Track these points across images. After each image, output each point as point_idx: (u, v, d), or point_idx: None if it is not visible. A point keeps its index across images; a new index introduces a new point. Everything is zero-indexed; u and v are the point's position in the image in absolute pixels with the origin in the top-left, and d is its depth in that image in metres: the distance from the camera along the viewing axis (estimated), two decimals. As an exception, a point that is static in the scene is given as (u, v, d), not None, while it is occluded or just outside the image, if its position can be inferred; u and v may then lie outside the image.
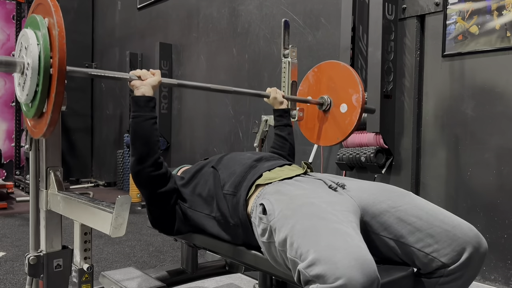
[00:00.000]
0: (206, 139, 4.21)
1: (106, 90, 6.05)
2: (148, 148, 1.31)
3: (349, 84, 1.80)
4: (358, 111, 1.75)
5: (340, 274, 0.84)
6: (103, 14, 6.14)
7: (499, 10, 2.10)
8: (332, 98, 1.86)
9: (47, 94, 1.08)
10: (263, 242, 1.13)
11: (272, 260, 1.13)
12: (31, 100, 1.13)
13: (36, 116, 1.15)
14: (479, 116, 2.21)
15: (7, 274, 2.37)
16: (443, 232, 1.09)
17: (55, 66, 1.04)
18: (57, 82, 1.03)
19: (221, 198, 1.29)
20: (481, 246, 1.10)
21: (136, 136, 1.31)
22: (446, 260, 1.08)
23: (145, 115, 1.32)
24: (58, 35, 1.04)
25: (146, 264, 2.61)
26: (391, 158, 2.53)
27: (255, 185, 1.24)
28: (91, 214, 1.18)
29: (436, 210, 1.15)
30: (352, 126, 1.78)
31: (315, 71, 1.96)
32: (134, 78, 1.36)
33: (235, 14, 3.84)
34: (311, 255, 0.89)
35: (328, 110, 1.86)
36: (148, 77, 1.37)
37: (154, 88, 1.37)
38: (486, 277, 2.18)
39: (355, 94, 1.77)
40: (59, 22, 1.05)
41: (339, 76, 1.85)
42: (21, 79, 1.15)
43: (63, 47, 1.04)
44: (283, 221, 1.04)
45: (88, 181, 6.13)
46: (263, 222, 1.11)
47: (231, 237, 1.30)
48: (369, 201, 1.16)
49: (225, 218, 1.28)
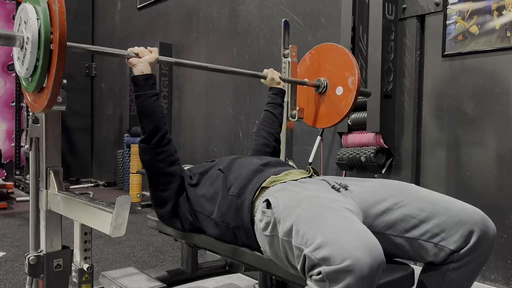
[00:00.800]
0: (206, 139, 4.21)
1: (106, 90, 6.05)
2: (153, 125, 1.34)
3: (345, 67, 1.81)
4: (353, 93, 1.77)
5: (347, 255, 0.84)
6: (103, 14, 6.14)
7: (499, 10, 2.10)
8: (328, 80, 1.87)
9: (47, 69, 1.08)
10: (266, 236, 1.12)
11: (273, 255, 1.13)
12: (31, 74, 1.13)
13: (36, 91, 1.16)
14: (479, 116, 2.21)
15: (7, 274, 2.37)
16: (448, 219, 1.09)
17: (55, 41, 1.04)
18: (58, 57, 1.04)
19: (225, 200, 1.29)
20: (488, 228, 1.09)
21: (141, 114, 1.35)
22: (455, 247, 1.08)
23: (146, 94, 1.34)
24: (59, 11, 1.04)
25: (146, 264, 2.61)
26: (391, 158, 2.53)
27: (261, 187, 1.24)
28: (91, 214, 1.18)
29: (439, 198, 1.15)
30: (348, 109, 1.80)
31: (312, 53, 1.97)
32: (132, 55, 1.37)
33: (235, 14, 3.84)
34: (318, 239, 0.89)
35: (325, 93, 1.88)
36: (146, 54, 1.38)
37: (152, 65, 1.39)
38: (486, 277, 2.18)
39: (351, 77, 1.78)
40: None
41: (336, 59, 1.86)
42: (21, 53, 1.15)
43: (64, 22, 1.04)
44: (288, 211, 1.04)
45: (88, 181, 6.13)
46: (266, 215, 1.11)
47: (230, 240, 1.30)
48: (371, 202, 1.17)
49: (225, 220, 1.28)
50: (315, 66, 1.94)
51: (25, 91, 1.24)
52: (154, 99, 1.35)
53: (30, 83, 1.15)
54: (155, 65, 1.43)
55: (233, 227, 1.26)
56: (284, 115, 2.12)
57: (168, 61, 1.51)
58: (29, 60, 1.10)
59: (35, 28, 1.07)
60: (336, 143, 2.87)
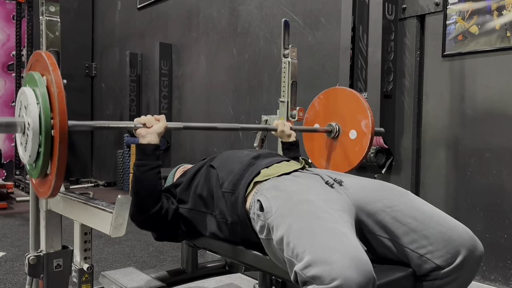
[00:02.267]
0: (206, 139, 4.21)
1: (106, 90, 6.05)
2: (151, 199, 1.31)
3: (357, 110, 1.76)
4: (368, 137, 1.71)
5: (336, 274, 0.84)
6: (103, 14, 6.14)
7: (499, 10, 2.10)
8: (340, 124, 1.82)
9: (50, 156, 1.05)
10: (262, 238, 1.14)
11: (273, 256, 1.14)
12: (34, 160, 1.10)
13: (40, 177, 1.12)
14: (479, 116, 2.21)
15: (7, 274, 2.37)
16: (438, 234, 1.09)
17: (56, 128, 1.01)
18: (60, 144, 1.00)
19: (220, 197, 1.30)
20: (476, 249, 1.09)
21: (141, 185, 1.31)
22: (440, 262, 1.08)
23: (151, 164, 1.31)
24: (58, 96, 1.00)
25: (146, 264, 2.61)
26: (391, 158, 2.53)
27: (253, 182, 1.25)
28: (91, 214, 1.18)
29: (432, 211, 1.14)
30: (363, 153, 1.74)
31: (321, 98, 1.91)
32: (139, 126, 1.34)
33: (235, 14, 3.84)
34: (307, 256, 0.90)
35: (337, 137, 1.82)
36: (153, 123, 1.35)
37: (160, 135, 1.36)
38: (486, 277, 2.18)
39: (364, 119, 1.73)
40: (57, 82, 1.01)
41: (346, 102, 1.81)
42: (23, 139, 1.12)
43: (64, 108, 1.00)
44: (279, 220, 1.04)
45: (88, 181, 6.13)
46: (260, 219, 1.12)
47: (229, 235, 1.30)
48: (366, 200, 1.16)
49: (223, 216, 1.29)
50: (325, 110, 1.89)
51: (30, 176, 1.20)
52: (157, 171, 1.33)
53: (34, 169, 1.12)
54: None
55: (231, 223, 1.27)
56: (284, 115, 2.13)
57: (177, 127, 1.44)
58: (31, 147, 1.06)
59: (35, 113, 1.03)
60: (336, 143, 2.87)
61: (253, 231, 1.21)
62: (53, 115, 1.02)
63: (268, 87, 3.48)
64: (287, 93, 2.05)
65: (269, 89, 3.47)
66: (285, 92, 2.08)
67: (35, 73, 1.09)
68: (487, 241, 2.14)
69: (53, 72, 1.03)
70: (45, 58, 1.07)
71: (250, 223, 1.21)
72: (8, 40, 5.82)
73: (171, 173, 1.70)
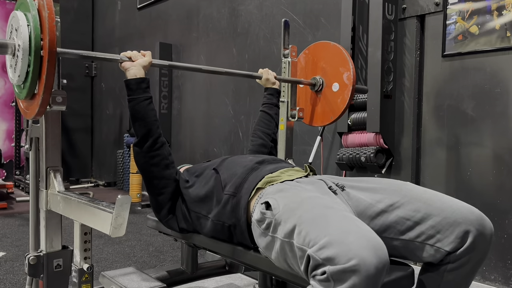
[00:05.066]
0: (206, 139, 4.21)
1: (106, 90, 6.05)
2: (146, 129, 1.34)
3: (340, 63, 1.82)
4: (349, 88, 1.78)
5: (352, 254, 0.83)
6: (103, 14, 6.14)
7: (499, 10, 2.10)
8: (324, 78, 1.88)
9: (38, 75, 1.09)
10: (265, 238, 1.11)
11: (272, 257, 1.12)
12: (22, 81, 1.14)
13: (28, 97, 1.17)
14: (479, 116, 2.21)
15: (7, 274, 2.37)
16: (443, 220, 1.08)
17: (45, 47, 1.06)
18: (48, 63, 1.05)
19: (220, 199, 1.29)
20: (485, 228, 1.07)
21: (134, 118, 1.35)
22: (451, 248, 1.07)
23: (138, 97, 1.34)
24: (48, 17, 1.05)
25: (146, 264, 2.61)
26: (391, 158, 2.53)
27: (256, 188, 1.24)
28: (91, 214, 1.18)
29: (434, 198, 1.14)
30: (345, 104, 1.81)
31: (306, 53, 1.98)
32: (125, 59, 1.37)
33: (235, 14, 3.84)
34: (323, 239, 0.88)
35: (321, 91, 1.90)
36: (139, 58, 1.38)
37: (145, 68, 1.38)
38: (486, 277, 2.18)
39: (346, 72, 1.79)
40: (48, 4, 1.06)
41: (330, 56, 1.87)
42: (13, 61, 1.16)
43: (53, 28, 1.06)
44: (289, 213, 1.03)
45: (88, 181, 6.13)
46: (266, 217, 1.10)
47: (226, 237, 1.30)
48: (366, 204, 1.16)
49: (221, 219, 1.28)
50: (310, 65, 1.95)
51: (18, 98, 1.25)
52: (146, 103, 1.35)
53: (22, 89, 1.17)
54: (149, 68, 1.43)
55: (229, 226, 1.26)
56: (284, 115, 2.12)
57: (162, 64, 1.50)
58: (21, 67, 1.11)
59: (26, 35, 1.08)
60: (336, 143, 2.87)
61: (249, 236, 1.21)
62: (43, 36, 1.07)
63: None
64: (287, 93, 2.05)
65: (269, 89, 3.46)
66: (285, 92, 2.08)
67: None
68: (487, 241, 2.14)
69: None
70: None
71: (248, 228, 1.21)
72: (8, 40, 5.82)
73: None
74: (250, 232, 1.20)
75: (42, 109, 1.13)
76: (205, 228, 1.34)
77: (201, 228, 1.36)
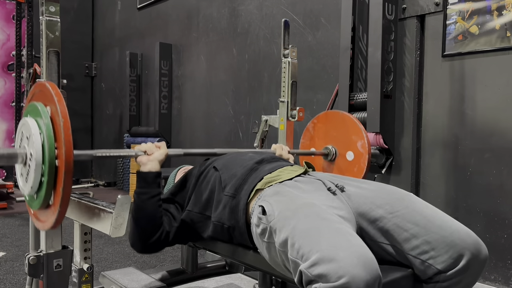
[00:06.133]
0: (206, 139, 4.21)
1: (106, 90, 6.05)
2: (152, 226, 1.29)
3: (351, 132, 1.78)
4: (365, 157, 1.73)
5: (343, 272, 0.84)
6: (103, 14, 6.14)
7: (499, 10, 2.10)
8: (336, 147, 1.84)
9: (53, 186, 1.03)
10: (263, 242, 1.12)
11: (271, 261, 1.13)
12: (35, 191, 1.08)
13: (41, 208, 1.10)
14: (479, 116, 2.21)
15: (7, 274, 2.37)
16: (440, 239, 1.07)
17: (61, 158, 0.99)
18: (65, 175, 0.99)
19: (221, 200, 1.29)
20: (480, 252, 1.08)
21: (141, 213, 1.29)
22: (443, 267, 1.07)
23: (151, 192, 1.30)
24: (64, 126, 0.99)
25: (146, 264, 2.61)
26: (391, 158, 2.53)
27: (255, 189, 1.23)
28: (91, 214, 1.18)
29: (434, 215, 1.13)
30: (362, 173, 1.74)
31: (315, 122, 1.93)
32: (140, 154, 1.34)
33: (235, 14, 3.84)
34: (314, 255, 0.89)
35: (334, 160, 1.84)
36: (154, 151, 1.35)
37: (161, 162, 1.35)
38: (486, 277, 2.18)
39: (360, 140, 1.75)
40: (63, 112, 1.00)
41: (340, 125, 1.83)
42: (24, 170, 1.10)
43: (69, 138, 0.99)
44: (283, 222, 1.03)
45: (88, 181, 6.13)
46: (262, 222, 1.10)
47: (226, 239, 1.30)
48: (366, 207, 1.16)
49: (221, 220, 1.28)
50: (320, 134, 1.91)
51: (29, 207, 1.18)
52: (158, 199, 1.31)
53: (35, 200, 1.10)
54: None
55: (228, 227, 1.26)
56: (284, 115, 2.13)
57: (177, 154, 1.45)
58: (34, 177, 1.04)
59: (38, 143, 1.02)
60: (336, 143, 2.87)
61: (249, 238, 1.20)
62: (58, 145, 1.00)
63: (268, 87, 3.48)
64: (287, 93, 2.05)
65: (269, 89, 3.47)
66: (285, 92, 2.08)
67: (38, 103, 1.08)
68: (487, 241, 2.14)
69: (59, 102, 1.02)
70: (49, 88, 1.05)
71: (248, 230, 1.21)
72: (8, 40, 5.82)
73: (172, 174, 1.70)
74: (250, 233, 1.20)
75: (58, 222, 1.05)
76: (207, 228, 1.33)
77: (203, 228, 1.35)
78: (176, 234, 1.36)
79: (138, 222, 1.28)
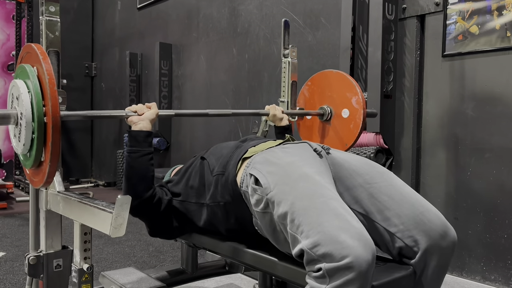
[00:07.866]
0: (206, 139, 4.21)
1: (106, 90, 6.05)
2: (144, 184, 1.31)
3: (345, 89, 1.78)
4: (361, 112, 1.73)
5: (346, 252, 0.90)
6: (103, 14, 6.14)
7: (499, 10, 2.10)
8: (331, 106, 1.84)
9: (43, 143, 1.07)
10: (257, 211, 1.14)
11: (265, 229, 1.16)
12: (28, 149, 1.12)
13: (34, 166, 1.14)
14: (479, 116, 2.21)
15: (7, 274, 2.37)
16: (410, 215, 1.13)
17: (48, 114, 1.03)
18: (53, 130, 1.03)
19: (211, 182, 1.31)
20: (446, 234, 1.12)
21: (133, 171, 1.31)
22: (409, 242, 1.11)
23: (143, 150, 1.32)
24: (49, 83, 1.03)
25: (146, 264, 2.61)
26: (391, 158, 2.53)
27: (242, 158, 1.26)
28: (91, 214, 1.18)
29: (410, 193, 1.18)
30: (358, 129, 1.75)
31: (309, 84, 1.94)
32: (130, 114, 1.35)
33: (235, 14, 3.84)
34: (316, 236, 0.94)
35: (330, 120, 1.85)
36: (145, 111, 1.37)
37: (152, 121, 1.37)
38: (486, 277, 2.18)
39: (354, 96, 1.76)
40: (48, 70, 1.04)
41: (333, 83, 1.84)
42: (16, 130, 1.14)
43: (55, 94, 1.03)
44: (281, 196, 1.05)
45: (88, 181, 6.13)
46: (257, 193, 1.12)
47: (223, 219, 1.30)
48: (347, 173, 1.20)
49: (215, 199, 1.29)
50: (315, 95, 1.91)
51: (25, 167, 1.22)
52: (149, 157, 1.33)
53: (28, 158, 1.14)
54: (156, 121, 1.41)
55: (224, 204, 1.27)
56: (284, 115, 2.12)
57: (168, 114, 1.45)
58: (25, 135, 1.08)
59: (27, 102, 1.06)
60: (336, 143, 2.87)
61: (247, 207, 1.22)
62: (45, 102, 1.05)
63: (268, 87, 3.48)
64: (287, 93, 2.05)
65: (269, 89, 3.47)
66: (285, 92, 2.08)
67: (26, 65, 1.11)
68: (487, 241, 2.14)
69: (43, 61, 1.05)
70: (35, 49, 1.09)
71: (242, 198, 1.22)
72: (8, 40, 5.82)
73: (167, 173, 1.70)
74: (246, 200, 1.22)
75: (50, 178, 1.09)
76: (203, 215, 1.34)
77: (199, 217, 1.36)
78: (168, 208, 1.37)
79: (130, 179, 1.30)
